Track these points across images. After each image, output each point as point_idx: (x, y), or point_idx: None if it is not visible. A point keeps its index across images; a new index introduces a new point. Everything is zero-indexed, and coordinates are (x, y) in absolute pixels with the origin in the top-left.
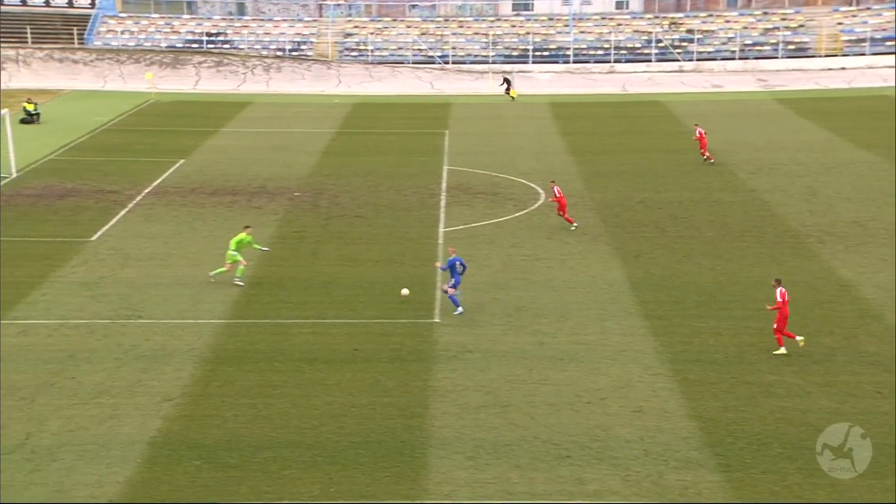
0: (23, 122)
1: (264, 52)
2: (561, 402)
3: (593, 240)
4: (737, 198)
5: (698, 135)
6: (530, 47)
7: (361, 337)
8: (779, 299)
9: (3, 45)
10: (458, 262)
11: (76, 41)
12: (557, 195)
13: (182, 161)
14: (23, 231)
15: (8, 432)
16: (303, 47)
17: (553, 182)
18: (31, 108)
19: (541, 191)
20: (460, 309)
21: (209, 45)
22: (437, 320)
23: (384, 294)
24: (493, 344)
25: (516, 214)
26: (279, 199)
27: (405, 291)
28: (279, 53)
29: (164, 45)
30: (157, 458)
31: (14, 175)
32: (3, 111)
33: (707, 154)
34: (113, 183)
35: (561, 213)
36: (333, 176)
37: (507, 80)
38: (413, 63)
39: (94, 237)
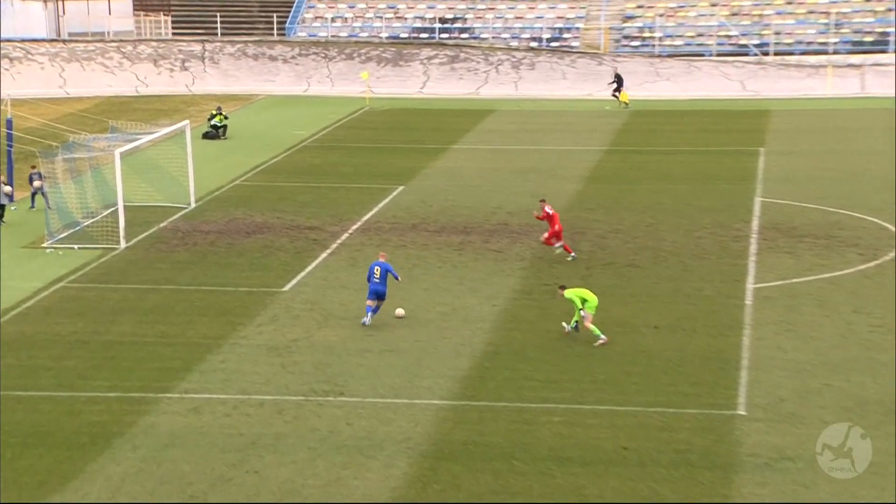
0: (206, 136)
1: (514, 44)
2: None
3: None
4: None
5: None
6: (894, 29)
7: (632, 431)
8: None
9: (187, 38)
10: (377, 267)
11: (275, 32)
12: (547, 215)
13: (401, 188)
14: (200, 278)
15: None
16: (566, 36)
17: (543, 200)
18: (218, 119)
19: None
20: (366, 319)
21: (442, 35)
22: (741, 412)
23: (666, 373)
24: None
25: (861, 267)
26: (526, 239)
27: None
28: (534, 45)
29: (384, 35)
30: None
31: (192, 205)
32: (183, 123)
33: None
34: (312, 216)
35: (553, 240)
36: (599, 209)
37: (618, 79)
38: (717, 55)
39: (287, 287)
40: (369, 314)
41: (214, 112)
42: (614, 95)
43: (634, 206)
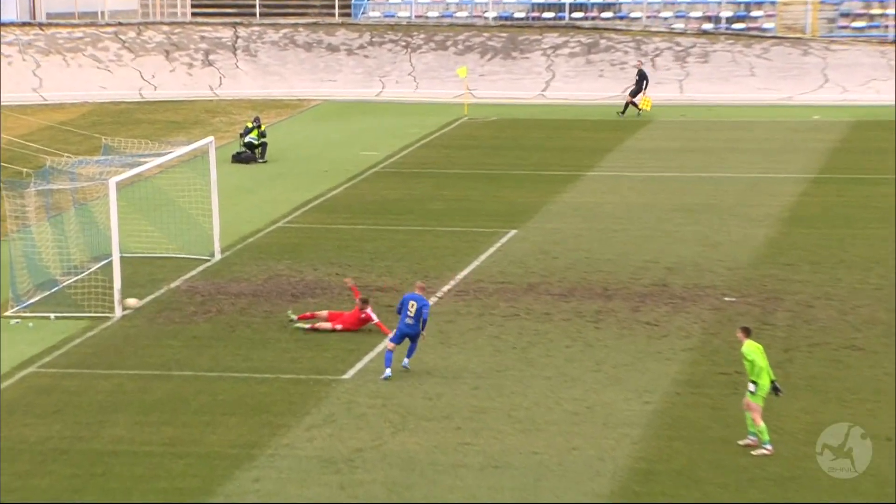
0: (237, 159)
1: (678, 26)
2: None
3: None
4: None
5: None
6: None
7: None
8: None
9: (213, 20)
10: (412, 301)
11: (337, 11)
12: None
13: (513, 232)
14: (227, 360)
15: None
16: (755, 14)
17: (366, 301)
18: (255, 135)
19: None
20: (387, 372)
21: (575, 15)
22: None
23: None
24: None
25: None
26: (693, 307)
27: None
28: (708, 27)
29: (490, 15)
30: None
31: (217, 257)
32: (206, 140)
33: None
34: (386, 273)
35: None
36: (803, 265)
37: (640, 77)
38: None
39: (349, 373)
40: (388, 368)
41: (250, 125)
42: (631, 102)
43: (856, 261)
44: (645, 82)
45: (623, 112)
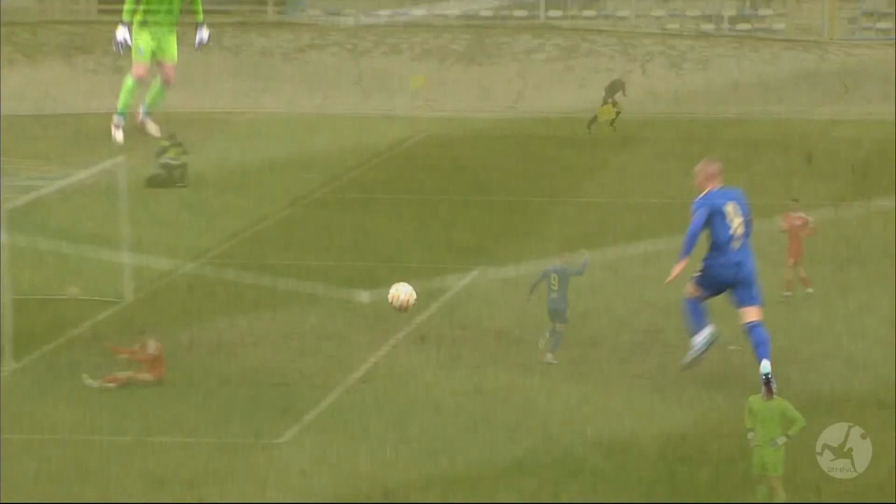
0: (153, 183)
1: (672, 26)
2: None
3: None
4: None
5: None
6: None
7: None
8: None
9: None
10: (554, 274)
11: (270, 8)
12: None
13: (475, 272)
14: (135, 422)
15: None
16: (762, 13)
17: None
18: (171, 154)
19: None
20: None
21: (552, 14)
22: None
23: None
24: None
25: None
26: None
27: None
28: (707, 27)
29: (453, 13)
30: None
31: (128, 299)
32: (116, 160)
33: None
34: (328, 317)
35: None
36: None
37: (613, 86)
38: None
39: (284, 437)
40: (547, 337)
41: (166, 143)
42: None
43: None
44: (615, 90)
45: (595, 122)
